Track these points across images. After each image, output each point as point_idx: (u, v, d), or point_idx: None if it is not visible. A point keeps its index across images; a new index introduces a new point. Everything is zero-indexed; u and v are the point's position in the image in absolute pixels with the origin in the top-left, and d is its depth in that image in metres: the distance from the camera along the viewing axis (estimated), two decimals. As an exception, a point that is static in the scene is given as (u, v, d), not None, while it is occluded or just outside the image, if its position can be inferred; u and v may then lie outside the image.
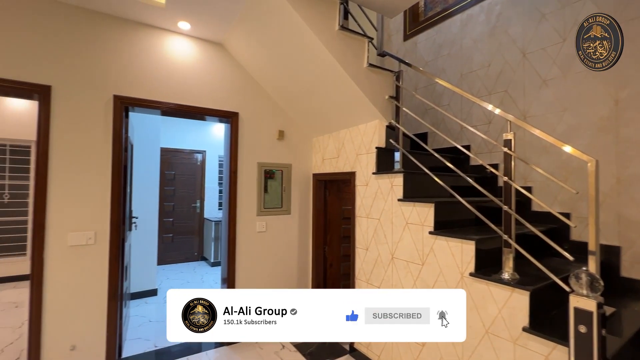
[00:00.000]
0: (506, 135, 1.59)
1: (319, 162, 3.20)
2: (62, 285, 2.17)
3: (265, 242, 3.03)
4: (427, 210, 1.94)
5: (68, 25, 2.23)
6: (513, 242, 1.53)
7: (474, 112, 2.81)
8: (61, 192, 2.18)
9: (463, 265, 1.71)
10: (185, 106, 2.66)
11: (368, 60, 2.32)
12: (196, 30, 2.61)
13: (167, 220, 5.52)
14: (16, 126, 4.50)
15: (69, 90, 2.22)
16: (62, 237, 2.18)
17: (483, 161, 1.98)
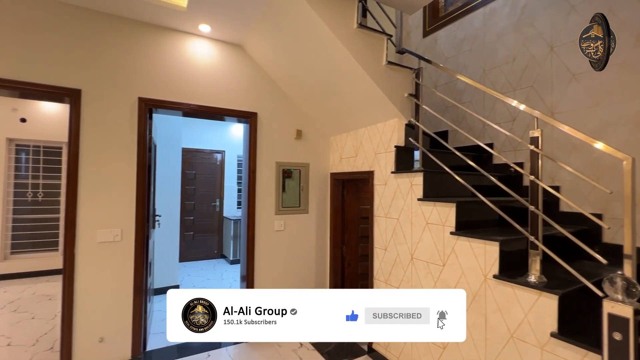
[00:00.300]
0: (533, 132, 1.53)
1: (337, 161, 3.19)
2: (91, 280, 2.27)
3: (283, 241, 3.06)
4: (448, 210, 1.90)
5: (97, 32, 2.33)
6: (540, 244, 1.47)
7: (497, 109, 2.72)
8: (90, 190, 2.28)
9: (486, 267, 1.65)
10: (206, 107, 2.72)
11: (387, 57, 2.29)
12: (216, 32, 2.67)
13: (188, 218, 5.67)
14: (49, 128, 4.76)
15: (98, 93, 2.32)
16: (91, 234, 2.28)
17: (508, 159, 1.91)
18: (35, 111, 4.69)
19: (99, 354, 2.28)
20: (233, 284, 4.43)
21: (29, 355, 2.54)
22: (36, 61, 2.15)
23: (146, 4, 2.25)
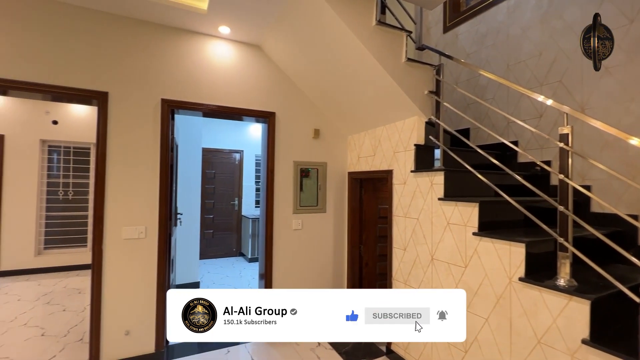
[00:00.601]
0: (562, 129, 1.46)
1: (355, 160, 3.17)
2: (117, 275, 2.36)
3: (301, 240, 3.07)
4: (471, 210, 1.84)
5: (122, 36, 2.42)
6: (570, 246, 1.40)
7: (522, 106, 2.62)
8: (116, 189, 2.37)
9: (511, 269, 1.60)
10: (225, 107, 2.77)
11: (406, 54, 2.25)
12: (235, 33, 2.71)
13: (208, 217, 5.80)
14: (78, 130, 4.99)
15: (123, 95, 2.41)
16: (118, 231, 2.37)
17: (535, 158, 1.84)
18: (66, 114, 4.93)
19: (125, 346, 2.37)
20: (251, 282, 4.49)
21: (61, 346, 2.68)
22: (67, 66, 2.26)
23: (168, 7, 2.32)
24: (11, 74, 2.12)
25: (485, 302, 1.74)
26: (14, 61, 2.13)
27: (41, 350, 2.61)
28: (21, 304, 3.59)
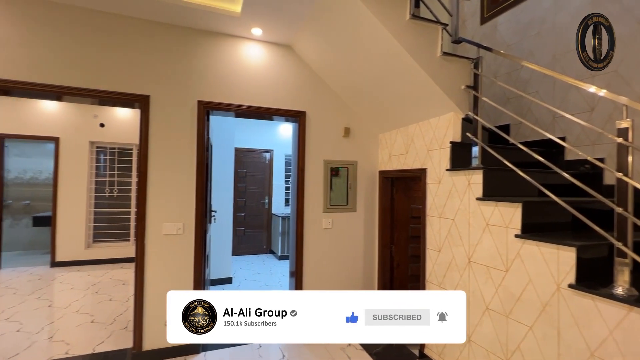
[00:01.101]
0: (621, 123, 1.33)
1: (386, 158, 3.11)
2: (158, 269, 2.49)
3: (331, 239, 3.07)
4: (513, 211, 1.73)
5: (162, 42, 2.54)
6: (630, 252, 1.27)
7: (570, 99, 2.42)
8: (157, 187, 2.50)
9: (559, 275, 1.48)
10: (257, 107, 2.82)
11: (442, 48, 2.17)
12: (267, 35, 2.75)
13: (240, 215, 5.97)
14: (122, 132, 5.35)
15: (163, 98, 2.53)
16: (158, 227, 2.50)
17: (586, 155, 1.69)
18: (111, 117, 5.29)
19: (164, 337, 2.49)
20: (282, 279, 4.56)
21: (108, 333, 2.88)
22: (112, 72, 2.41)
23: (205, 12, 2.40)
24: (64, 81, 2.30)
25: (528, 309, 1.63)
26: (66, 69, 2.31)
27: (91, 336, 2.82)
28: (74, 292, 3.91)
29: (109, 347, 2.64)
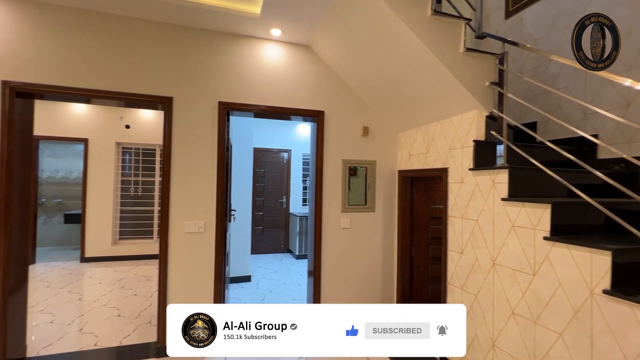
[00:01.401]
0: (662, 119, 1.24)
1: (405, 158, 3.06)
2: (180, 265, 2.56)
3: (349, 239, 3.05)
4: (541, 212, 1.66)
5: (184, 44, 2.61)
6: (673, 257, 1.19)
7: (604, 95, 2.30)
8: (179, 186, 2.57)
9: (593, 281, 1.40)
10: (275, 107, 2.85)
11: (465, 44, 2.11)
12: (286, 35, 2.76)
13: (258, 214, 6.05)
14: (146, 133, 5.53)
15: (185, 99, 2.60)
16: (181, 225, 2.56)
17: (622, 153, 1.59)
18: (136, 119, 5.49)
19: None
20: (299, 278, 4.58)
21: (133, 326, 2.99)
22: (137, 75, 2.50)
23: (225, 14, 2.44)
24: (93, 84, 2.40)
25: (558, 315, 1.56)
26: (95, 73, 2.40)
27: (118, 329, 2.94)
28: (101, 287, 4.08)
29: (134, 340, 2.74)
